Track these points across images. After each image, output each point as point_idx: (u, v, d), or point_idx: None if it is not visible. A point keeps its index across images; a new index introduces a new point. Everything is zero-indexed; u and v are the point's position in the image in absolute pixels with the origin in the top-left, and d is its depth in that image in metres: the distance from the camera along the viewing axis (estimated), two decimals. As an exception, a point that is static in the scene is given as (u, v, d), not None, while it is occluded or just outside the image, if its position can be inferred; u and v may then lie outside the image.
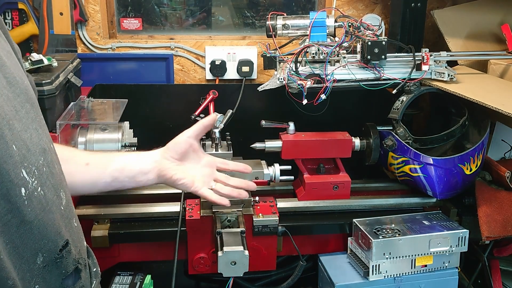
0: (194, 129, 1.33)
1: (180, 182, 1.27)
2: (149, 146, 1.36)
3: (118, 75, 2.13)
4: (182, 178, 1.27)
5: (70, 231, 0.80)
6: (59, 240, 0.75)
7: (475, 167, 1.69)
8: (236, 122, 1.77)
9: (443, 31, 1.97)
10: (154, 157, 1.27)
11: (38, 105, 0.80)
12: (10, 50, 0.79)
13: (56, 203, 0.76)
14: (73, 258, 0.78)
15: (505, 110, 1.46)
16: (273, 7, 2.23)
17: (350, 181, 1.74)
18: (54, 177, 0.77)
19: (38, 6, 1.99)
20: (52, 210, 0.74)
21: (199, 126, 1.33)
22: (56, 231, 0.74)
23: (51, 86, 1.48)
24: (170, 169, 1.26)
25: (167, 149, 1.29)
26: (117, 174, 1.21)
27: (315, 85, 1.64)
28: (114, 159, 1.23)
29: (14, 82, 0.73)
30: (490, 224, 1.60)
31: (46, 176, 0.74)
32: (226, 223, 1.55)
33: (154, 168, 1.25)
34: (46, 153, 0.76)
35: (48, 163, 0.75)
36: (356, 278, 1.61)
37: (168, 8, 2.22)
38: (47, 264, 0.72)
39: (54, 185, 0.76)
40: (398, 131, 1.73)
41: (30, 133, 0.73)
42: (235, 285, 1.77)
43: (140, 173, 1.24)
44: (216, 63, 2.12)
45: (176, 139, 1.31)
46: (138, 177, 1.23)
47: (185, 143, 1.30)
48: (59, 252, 0.75)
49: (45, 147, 0.76)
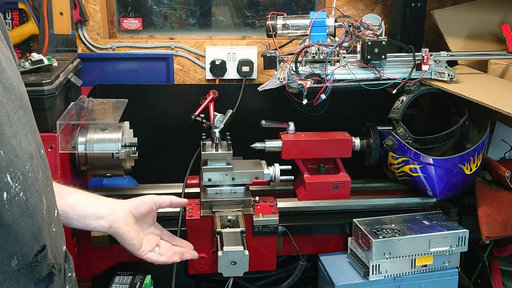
0: (163, 199, 1.31)
1: (130, 242, 1.23)
2: (150, 146, 1.35)
3: (118, 75, 2.13)
4: (133, 239, 1.23)
5: (49, 235, 0.80)
6: (35, 245, 0.75)
7: (475, 167, 1.69)
8: (236, 122, 1.77)
9: (443, 31, 1.97)
10: (114, 205, 1.23)
11: (31, 111, 0.81)
12: (10, 56, 0.80)
13: (39, 208, 0.76)
14: (47, 263, 0.79)
15: (505, 110, 1.46)
16: (273, 7, 2.23)
17: (350, 181, 1.74)
18: (38, 182, 0.77)
19: (38, 6, 1.99)
20: (33, 215, 0.74)
21: (168, 201, 1.31)
22: (33, 236, 0.75)
23: (51, 86, 1.48)
24: (125, 225, 1.22)
25: (130, 203, 1.26)
26: (67, 209, 1.15)
27: (315, 85, 1.64)
28: (71, 193, 1.18)
29: (11, 88, 0.74)
30: (490, 224, 1.60)
31: (30, 182, 0.75)
32: (226, 223, 1.55)
33: (109, 216, 1.20)
34: (33, 159, 0.76)
35: (34, 168, 0.76)
36: (356, 278, 1.61)
37: (168, 8, 2.22)
38: (21, 267, 0.73)
39: (38, 190, 0.77)
40: (398, 131, 1.73)
41: (19, 139, 0.74)
42: (235, 285, 1.77)
43: (92, 216, 1.18)
44: (216, 63, 2.12)
45: (143, 198, 1.28)
46: (89, 219, 1.18)
47: (150, 206, 1.27)
48: (34, 256, 0.75)
49: (33, 153, 0.77)
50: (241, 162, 1.69)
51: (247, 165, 1.67)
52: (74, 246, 1.59)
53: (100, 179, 1.90)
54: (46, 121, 1.49)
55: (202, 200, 1.61)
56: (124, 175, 1.70)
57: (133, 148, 1.68)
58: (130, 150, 1.67)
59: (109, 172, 1.69)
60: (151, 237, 1.30)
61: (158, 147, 2.15)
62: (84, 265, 1.65)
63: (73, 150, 1.61)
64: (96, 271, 1.70)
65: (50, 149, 1.50)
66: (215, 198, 1.62)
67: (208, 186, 1.63)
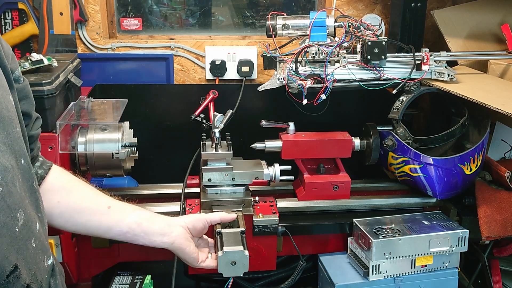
0: (215, 216, 1.35)
1: (192, 255, 1.26)
2: (150, 146, 1.36)
3: (118, 75, 2.13)
4: (193, 253, 1.27)
5: (25, 253, 0.76)
6: (7, 266, 0.72)
7: (475, 167, 1.69)
8: (236, 122, 1.76)
9: (443, 31, 1.97)
10: (173, 223, 1.26)
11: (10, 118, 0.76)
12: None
13: (8, 225, 0.72)
14: (21, 284, 0.75)
15: (505, 110, 1.46)
16: (273, 7, 2.23)
17: (350, 181, 1.74)
18: (12, 196, 0.73)
19: (38, 6, 1.99)
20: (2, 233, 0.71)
21: (218, 217, 1.37)
22: (3, 256, 0.71)
23: (51, 86, 1.48)
24: (185, 240, 1.25)
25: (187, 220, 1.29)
26: (134, 226, 1.18)
27: (315, 85, 1.64)
28: (136, 210, 1.21)
29: None
30: (490, 224, 1.60)
31: (1, 197, 0.71)
32: (226, 223, 1.55)
33: (171, 233, 1.22)
34: (6, 171, 0.72)
35: (7, 182, 0.72)
36: (356, 278, 1.61)
37: (168, 8, 2.22)
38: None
39: (10, 205, 0.72)
40: (398, 131, 1.73)
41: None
42: (235, 285, 1.77)
43: (157, 233, 1.21)
44: (216, 63, 2.12)
45: (197, 216, 1.32)
46: (154, 236, 1.20)
47: (203, 223, 1.31)
48: (6, 278, 0.72)
49: (7, 165, 0.73)
50: (241, 162, 1.69)
51: (247, 165, 1.67)
52: (74, 246, 1.59)
53: (100, 179, 1.89)
54: (46, 121, 1.49)
55: (202, 200, 1.61)
56: (124, 175, 1.70)
57: (133, 148, 1.68)
58: (130, 150, 1.67)
59: (109, 172, 1.69)
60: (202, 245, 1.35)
61: (158, 147, 2.15)
62: (84, 265, 1.65)
63: (73, 150, 1.61)
64: (96, 271, 1.70)
65: (50, 149, 1.50)
66: (215, 198, 1.62)
67: (208, 186, 1.63)
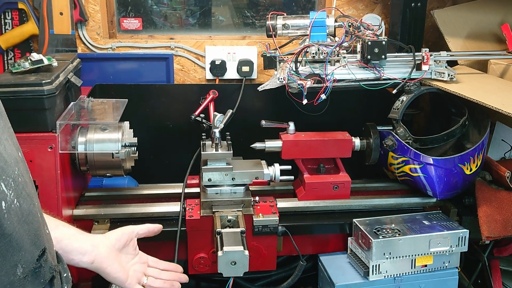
0: (142, 227, 1.30)
1: (114, 275, 1.20)
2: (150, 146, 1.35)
3: (118, 75, 2.13)
4: (116, 272, 1.21)
5: (45, 237, 0.79)
6: (35, 250, 0.75)
7: (475, 167, 1.69)
8: (236, 122, 1.77)
9: (443, 31, 1.97)
10: (96, 241, 1.20)
11: (5, 113, 0.78)
12: None
13: (33, 212, 0.75)
14: (49, 266, 0.78)
15: (505, 110, 1.46)
16: (273, 7, 2.23)
17: (350, 181, 1.74)
18: (28, 186, 0.75)
19: (38, 6, 1.99)
20: (28, 220, 0.73)
21: (146, 229, 1.31)
22: (32, 242, 0.74)
23: (51, 86, 1.48)
24: (107, 259, 1.19)
25: (110, 236, 1.24)
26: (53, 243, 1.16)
27: (315, 85, 1.64)
28: (59, 226, 1.15)
29: None
30: (490, 224, 1.60)
31: (22, 187, 0.73)
32: (226, 223, 1.55)
33: (92, 252, 1.17)
34: (18, 163, 0.74)
35: (22, 172, 0.74)
36: (356, 278, 1.61)
37: (168, 8, 2.22)
38: (27, 275, 0.72)
39: (29, 194, 0.75)
40: (398, 131, 1.73)
41: (3, 145, 0.72)
42: (235, 285, 1.77)
43: (76, 251, 1.15)
44: (216, 63, 2.12)
45: (121, 230, 1.27)
46: (72, 255, 1.15)
47: (129, 236, 1.26)
48: (37, 261, 0.74)
49: (17, 156, 0.75)
50: (241, 162, 1.69)
51: (247, 165, 1.67)
52: (74, 246, 1.59)
53: (100, 179, 1.90)
54: (46, 121, 1.49)
55: (202, 200, 1.61)
56: (124, 175, 1.70)
57: (133, 148, 1.68)
58: (130, 150, 1.67)
59: (109, 172, 1.69)
60: (138, 266, 1.29)
61: (158, 147, 2.15)
62: (84, 265, 1.65)
63: (73, 150, 1.61)
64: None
65: (50, 149, 1.50)
66: (215, 198, 1.62)
67: (208, 186, 1.63)
